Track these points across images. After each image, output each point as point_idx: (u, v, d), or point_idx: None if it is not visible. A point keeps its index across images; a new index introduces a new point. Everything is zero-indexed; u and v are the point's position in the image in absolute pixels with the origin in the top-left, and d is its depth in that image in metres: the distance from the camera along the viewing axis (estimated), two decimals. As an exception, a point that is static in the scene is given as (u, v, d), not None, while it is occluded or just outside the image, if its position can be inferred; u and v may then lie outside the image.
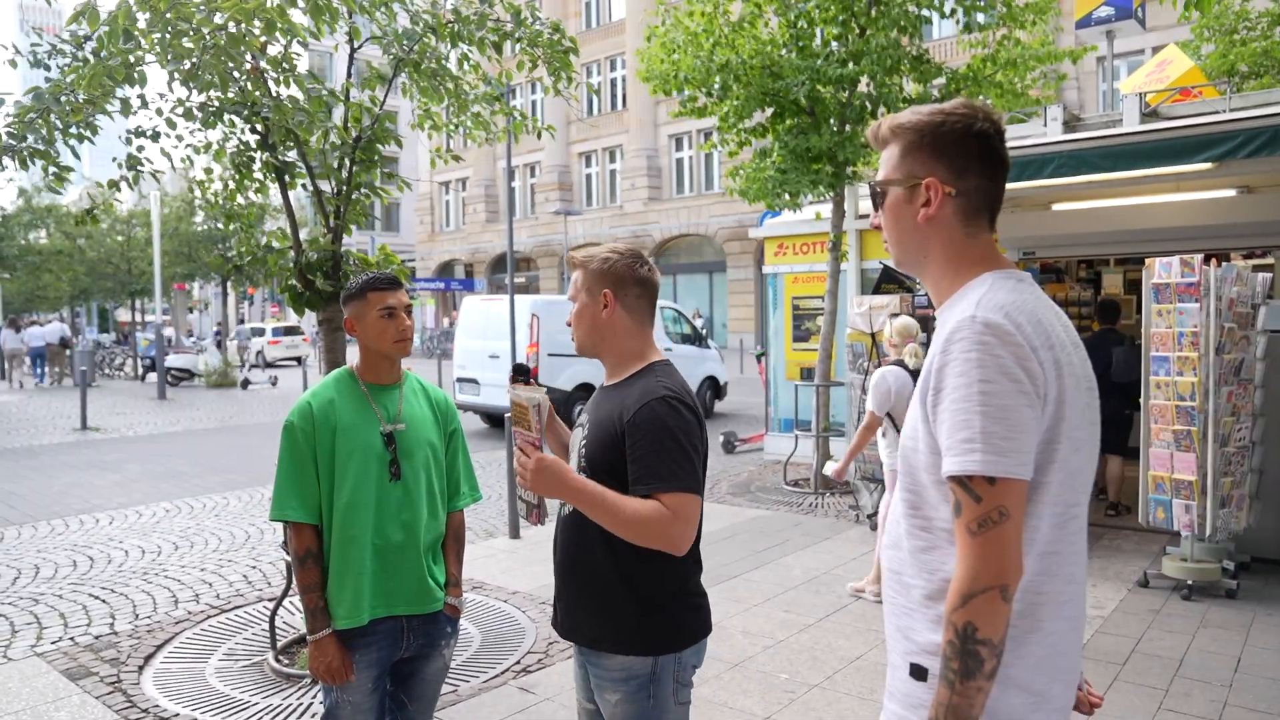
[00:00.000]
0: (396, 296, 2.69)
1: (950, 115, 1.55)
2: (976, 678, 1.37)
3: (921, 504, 1.53)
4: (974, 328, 1.42)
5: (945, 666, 1.40)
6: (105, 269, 30.21)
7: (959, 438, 1.40)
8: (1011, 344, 1.41)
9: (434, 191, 45.24)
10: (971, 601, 1.37)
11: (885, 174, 1.63)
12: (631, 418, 2.10)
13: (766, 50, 8.86)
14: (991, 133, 1.56)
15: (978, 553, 1.38)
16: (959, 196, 1.56)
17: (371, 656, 2.61)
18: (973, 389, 1.40)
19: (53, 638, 5.28)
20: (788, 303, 10.80)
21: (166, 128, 4.91)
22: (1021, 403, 1.40)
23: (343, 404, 2.65)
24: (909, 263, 1.66)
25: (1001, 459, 1.38)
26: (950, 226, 1.58)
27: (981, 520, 1.38)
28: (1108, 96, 23.44)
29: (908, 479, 1.56)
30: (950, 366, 1.44)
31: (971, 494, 1.39)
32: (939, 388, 1.45)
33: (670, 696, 2.19)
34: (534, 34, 5.23)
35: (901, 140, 1.60)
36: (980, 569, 1.37)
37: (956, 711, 1.39)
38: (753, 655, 4.80)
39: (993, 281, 1.53)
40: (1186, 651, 4.76)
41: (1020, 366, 1.41)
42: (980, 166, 1.56)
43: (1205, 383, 5.47)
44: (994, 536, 1.37)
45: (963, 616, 1.38)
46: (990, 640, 1.36)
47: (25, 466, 11.61)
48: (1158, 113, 6.95)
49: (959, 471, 1.40)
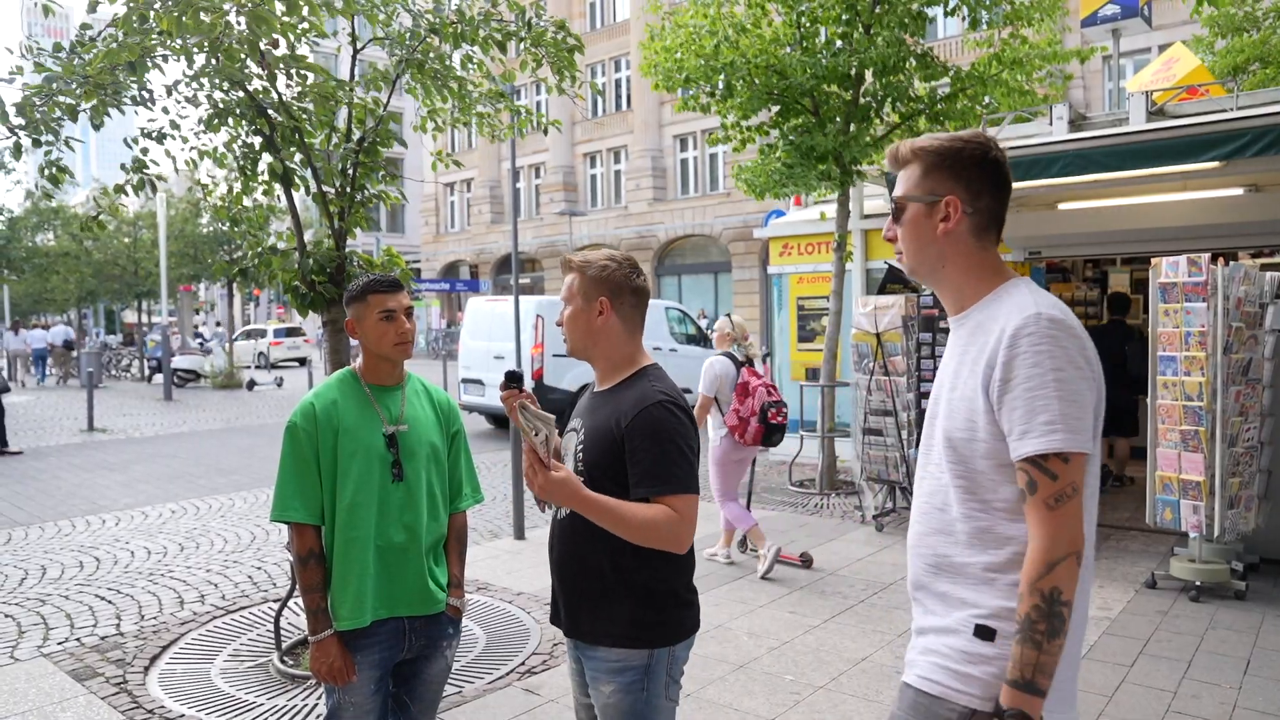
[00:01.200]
0: (397, 299, 2.68)
1: (969, 143, 1.75)
2: (1060, 636, 1.54)
3: (977, 488, 1.67)
4: (1040, 323, 1.59)
5: (1031, 629, 1.54)
6: (112, 270, 30.23)
7: (1039, 420, 1.56)
8: (1074, 335, 1.61)
9: (439, 193, 45.26)
10: (1055, 569, 1.54)
11: (905, 190, 1.80)
12: (630, 423, 2.17)
13: (770, 49, 8.84)
14: (1001, 160, 1.76)
15: (1056, 524, 1.55)
16: (974, 214, 1.74)
17: (374, 658, 2.61)
18: (1047, 377, 1.57)
19: (59, 638, 5.28)
20: (793, 303, 10.78)
21: (171, 129, 4.91)
22: (1086, 387, 1.59)
23: (345, 405, 2.65)
24: (924, 272, 1.82)
25: (1077, 436, 1.56)
26: (965, 240, 1.75)
27: (1058, 495, 1.55)
28: (1113, 95, 23.39)
29: (959, 468, 1.69)
30: (1020, 359, 1.59)
31: (1047, 473, 1.56)
32: (1008, 378, 1.60)
33: (662, 691, 2.25)
34: (538, 33, 5.22)
35: (923, 161, 1.77)
36: (1060, 539, 1.55)
37: (1043, 669, 1.54)
38: (758, 656, 4.78)
39: (1029, 285, 1.72)
40: (1195, 653, 4.73)
41: (1082, 355, 1.60)
42: (992, 189, 1.75)
43: (1213, 383, 5.44)
44: (1070, 509, 1.56)
45: (1049, 582, 1.53)
46: (1070, 602, 1.54)
47: (32, 467, 11.64)
48: (1164, 111, 6.93)
49: (1040, 451, 1.56)
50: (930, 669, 1.71)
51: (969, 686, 1.64)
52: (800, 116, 9.11)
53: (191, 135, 5.03)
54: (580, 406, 2.42)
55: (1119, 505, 8.06)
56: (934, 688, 1.68)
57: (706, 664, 4.63)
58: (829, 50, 8.73)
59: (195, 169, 5.25)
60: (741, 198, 30.80)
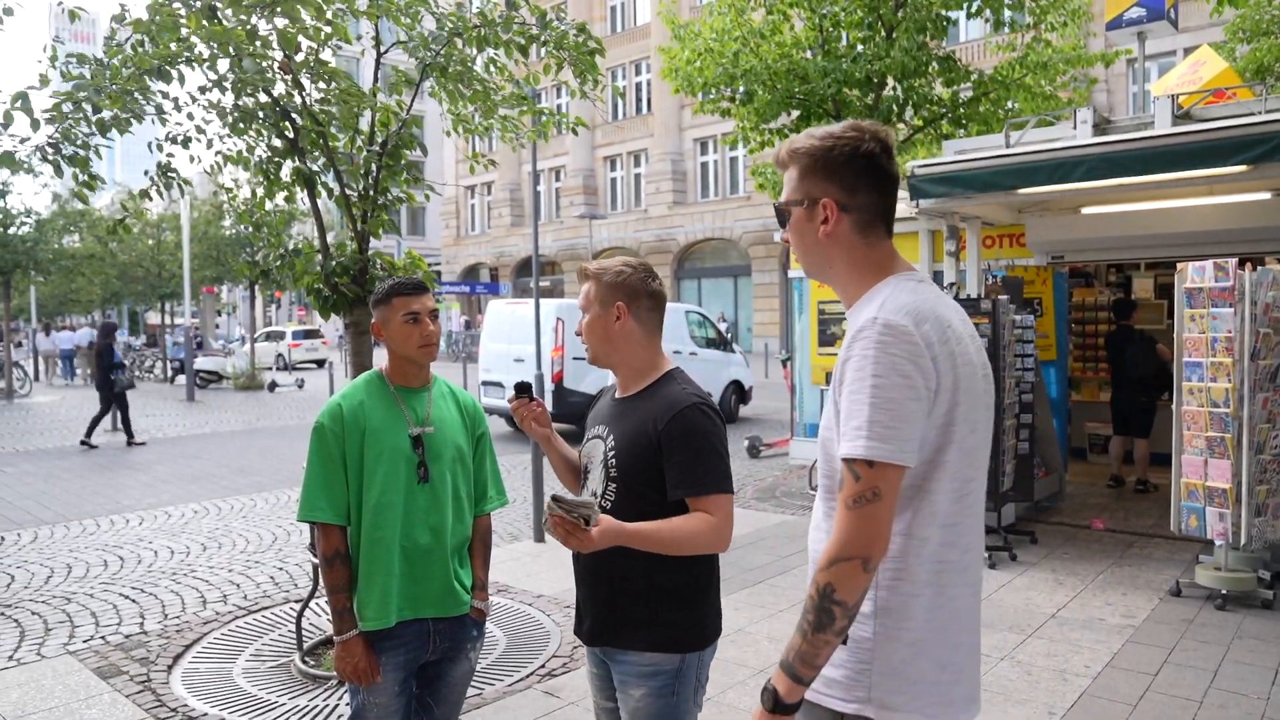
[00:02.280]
0: (421, 301, 2.70)
1: (840, 139, 1.71)
2: (826, 632, 1.55)
3: (836, 485, 1.67)
4: (874, 328, 1.58)
5: (802, 618, 1.57)
6: (136, 272, 30.65)
7: (851, 425, 1.57)
8: (907, 343, 1.57)
9: (459, 195, 45.46)
10: (836, 566, 1.54)
11: (786, 195, 1.80)
12: (666, 426, 2.19)
13: (791, 54, 8.84)
14: (878, 151, 1.70)
15: (850, 525, 1.54)
16: (853, 212, 1.72)
17: (398, 659, 2.62)
18: (865, 383, 1.56)
19: (84, 636, 5.34)
20: (813, 307, 10.73)
21: (196, 133, 4.96)
22: (907, 396, 1.56)
23: (372, 406, 2.66)
24: (816, 273, 1.82)
25: (882, 445, 1.53)
26: (849, 238, 1.74)
27: (857, 497, 1.54)
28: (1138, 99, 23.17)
29: (825, 465, 1.72)
30: (850, 362, 1.60)
31: (852, 473, 1.55)
32: (841, 380, 1.63)
33: (691, 696, 2.27)
34: (559, 36, 5.23)
35: (798, 164, 1.76)
36: (850, 539, 1.54)
37: (804, 658, 1.57)
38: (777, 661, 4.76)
39: (895, 285, 1.70)
40: (1221, 662, 4.68)
41: (912, 363, 1.57)
42: (870, 183, 1.72)
43: (1240, 389, 5.38)
44: (866, 513, 1.53)
45: (825, 577, 1.55)
46: (845, 603, 1.53)
47: (58, 467, 11.78)
48: (1190, 115, 6.85)
49: (847, 454, 1.56)
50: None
51: (831, 689, 1.68)
52: (822, 120, 9.10)
53: (216, 139, 5.08)
54: (601, 412, 2.42)
55: (1143, 512, 7.99)
56: (814, 695, 1.71)
57: (727, 668, 4.62)
58: (850, 55, 8.72)
59: (219, 172, 5.30)
60: (762, 201, 30.78)
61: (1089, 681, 4.47)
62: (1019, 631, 5.17)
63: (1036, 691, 4.36)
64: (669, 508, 2.18)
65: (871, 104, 8.83)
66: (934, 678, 1.64)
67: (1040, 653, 4.85)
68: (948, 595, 1.66)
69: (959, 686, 1.69)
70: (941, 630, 1.65)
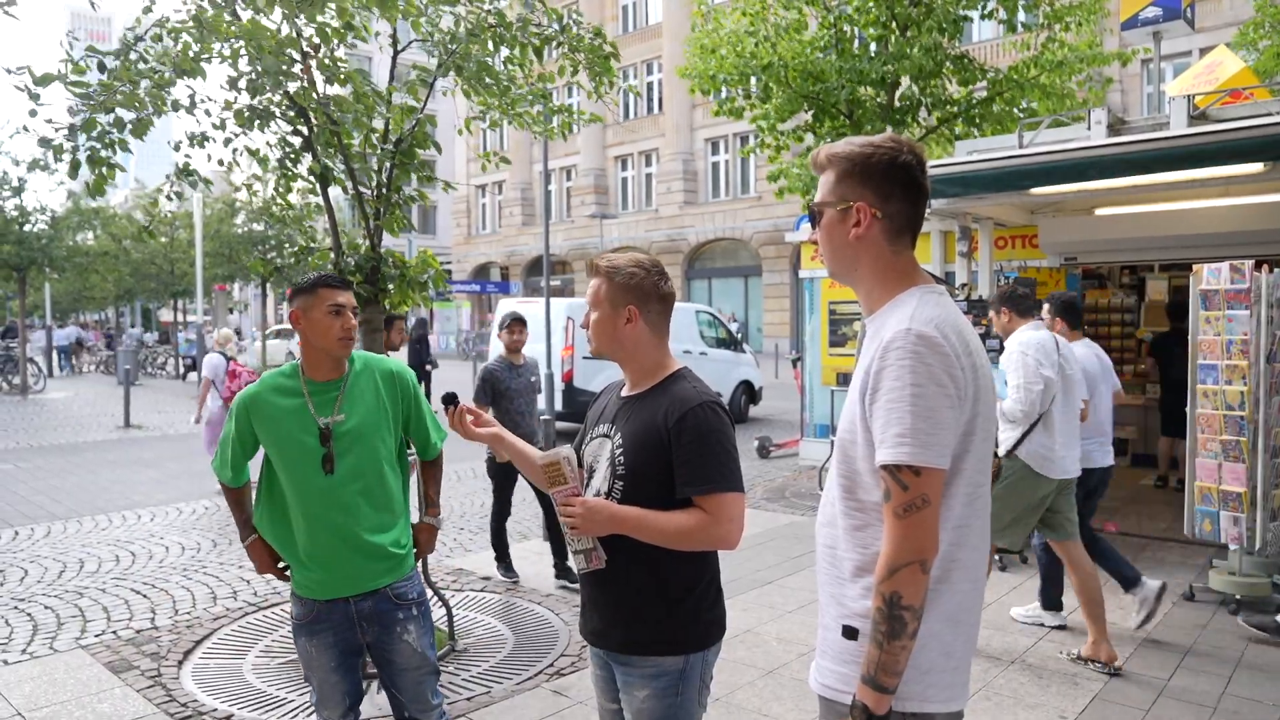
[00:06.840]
0: (346, 296, 2.81)
1: (879, 148, 1.77)
2: (901, 638, 1.62)
3: (856, 488, 1.76)
4: (909, 339, 1.66)
5: (874, 629, 1.64)
6: (149, 270, 30.80)
7: (892, 432, 1.63)
8: (940, 353, 1.65)
9: (470, 195, 45.52)
10: (897, 574, 1.62)
11: (821, 196, 1.86)
12: (676, 424, 2.18)
13: (807, 53, 8.82)
14: (914, 164, 1.78)
15: (903, 533, 1.62)
16: (885, 218, 1.79)
17: (328, 640, 2.80)
18: (905, 391, 1.63)
19: (96, 631, 5.37)
20: (824, 307, 10.71)
21: (214, 131, 4.98)
22: (944, 404, 1.64)
23: (284, 397, 2.77)
24: (842, 275, 1.89)
25: (926, 452, 1.62)
26: (878, 244, 1.80)
27: (907, 505, 1.62)
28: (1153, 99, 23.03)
29: (843, 466, 1.78)
30: (887, 371, 1.66)
31: (899, 482, 1.63)
32: (876, 388, 1.68)
33: (695, 696, 2.27)
34: (575, 38, 5.24)
35: (836, 168, 1.82)
36: (905, 546, 1.62)
37: (885, 667, 1.63)
38: (787, 662, 4.75)
39: (920, 296, 1.76)
40: (1235, 669, 4.64)
41: (946, 373, 1.65)
42: (903, 193, 1.78)
43: (1255, 392, 5.34)
44: (917, 520, 1.62)
45: (889, 586, 1.62)
46: (912, 606, 1.61)
47: (70, 463, 11.85)
48: (1206, 115, 6.80)
49: (891, 461, 1.63)
50: (821, 673, 1.81)
51: (849, 685, 1.73)
52: (836, 120, 9.07)
53: (233, 136, 5.09)
54: (605, 411, 2.40)
55: (1156, 515, 7.94)
56: (829, 692, 1.79)
57: (736, 669, 4.61)
58: (865, 54, 8.69)
59: (235, 168, 5.31)
60: (772, 201, 30.70)
61: (1101, 685, 4.44)
62: (1030, 635, 5.15)
63: (1048, 695, 4.34)
64: (677, 505, 2.18)
65: (885, 104, 8.80)
66: (941, 665, 1.72)
67: (1051, 656, 4.83)
68: (955, 590, 1.74)
69: (959, 674, 1.77)
70: (947, 622, 1.73)
